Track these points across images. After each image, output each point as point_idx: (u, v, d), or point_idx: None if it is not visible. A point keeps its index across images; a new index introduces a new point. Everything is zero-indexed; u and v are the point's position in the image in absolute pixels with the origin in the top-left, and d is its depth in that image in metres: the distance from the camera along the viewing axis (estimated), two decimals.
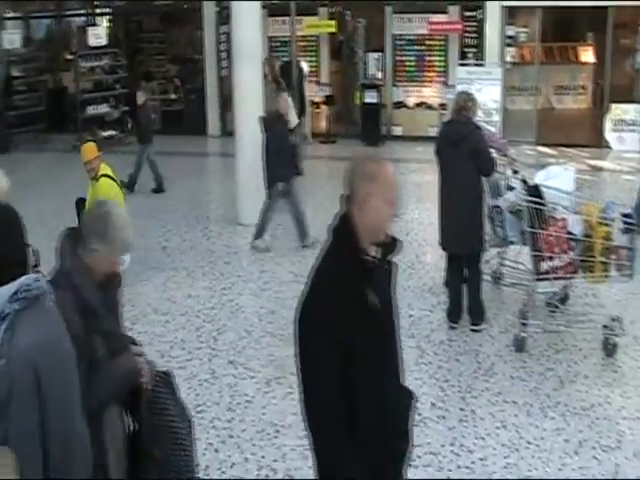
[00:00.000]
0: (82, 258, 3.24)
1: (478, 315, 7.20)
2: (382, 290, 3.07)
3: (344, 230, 2.99)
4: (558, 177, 8.15)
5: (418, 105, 16.55)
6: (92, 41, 16.67)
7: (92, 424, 2.97)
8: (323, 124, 16.72)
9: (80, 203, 8.09)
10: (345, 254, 2.98)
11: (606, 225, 7.47)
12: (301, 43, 16.47)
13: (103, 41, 16.89)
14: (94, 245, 3.22)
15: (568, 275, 6.89)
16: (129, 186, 12.23)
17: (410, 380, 5.41)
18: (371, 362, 2.96)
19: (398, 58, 16.66)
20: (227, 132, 16.27)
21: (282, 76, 14.05)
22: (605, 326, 6.74)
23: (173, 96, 18.48)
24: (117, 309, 3.46)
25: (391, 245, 3.07)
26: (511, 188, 8.00)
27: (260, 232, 9.76)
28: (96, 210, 3.38)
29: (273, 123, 9.70)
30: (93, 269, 3.24)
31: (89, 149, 8.05)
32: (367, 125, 15.80)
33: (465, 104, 7.28)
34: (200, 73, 17.74)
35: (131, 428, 3.41)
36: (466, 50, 16.07)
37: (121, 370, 3.30)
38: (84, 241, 3.24)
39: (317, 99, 16.89)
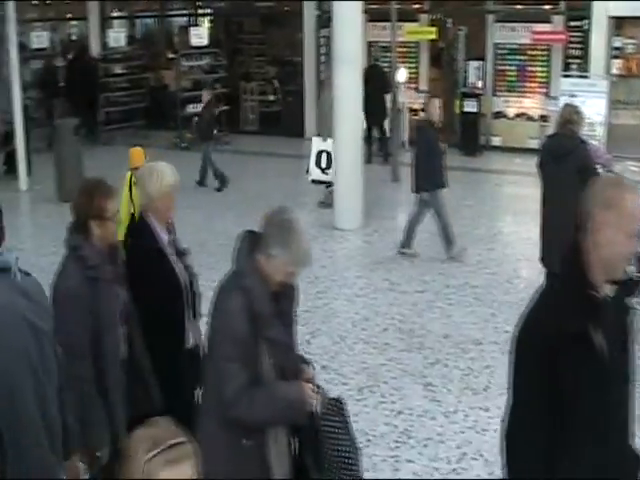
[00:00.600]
0: (258, 262, 3.15)
1: None
2: (614, 334, 2.78)
3: (572, 261, 2.77)
4: None
5: (518, 116, 16.32)
6: (194, 41, 17.06)
7: (254, 437, 2.96)
8: None
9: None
10: (571, 287, 2.76)
11: None
12: (401, 49, 16.48)
13: (204, 41, 17.24)
14: (273, 250, 3.10)
15: None
16: (201, 182, 13.11)
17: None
18: (589, 413, 2.71)
19: (499, 67, 16.48)
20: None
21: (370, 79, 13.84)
22: None
23: (271, 97, 18.76)
24: (291, 324, 3.35)
25: (629, 285, 2.80)
26: None
27: (408, 240, 9.56)
28: (278, 215, 3.24)
29: (424, 130, 9.61)
30: (268, 275, 3.14)
31: (137, 154, 7.46)
32: (466, 134, 15.69)
33: (571, 117, 7.19)
34: (299, 75, 17.97)
35: (296, 451, 3.29)
36: (570, 61, 15.78)
37: (287, 398, 3.15)
38: (263, 245, 3.14)
39: (415, 106, 16.85)
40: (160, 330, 4.02)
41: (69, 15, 21.43)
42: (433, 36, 16.55)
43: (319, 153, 11.83)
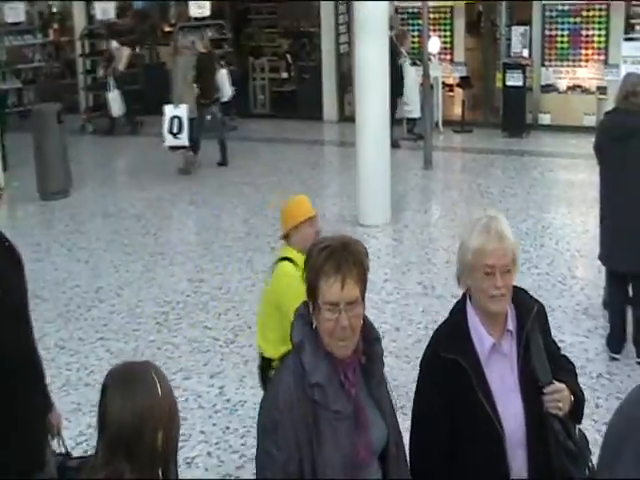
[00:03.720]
0: None
1: None
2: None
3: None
4: None
5: (571, 88, 16.18)
6: (193, 11, 17.08)
7: None
8: (457, 110, 16.58)
9: None
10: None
11: None
12: (432, 15, 16.39)
13: (206, 11, 17.25)
14: None
15: None
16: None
17: None
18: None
19: (548, 32, 16.32)
20: (346, 117, 16.39)
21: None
22: None
23: (285, 75, 18.77)
24: None
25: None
26: None
27: None
28: None
29: None
30: None
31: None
32: (509, 112, 15.55)
33: (634, 89, 7.02)
34: (316, 49, 17.93)
35: None
36: (633, 22, 15.61)
37: None
38: None
39: (450, 80, 16.77)
40: None
41: None
42: None
43: (171, 119, 13.48)
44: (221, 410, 6.53)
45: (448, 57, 16.93)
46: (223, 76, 14.76)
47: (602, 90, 15.36)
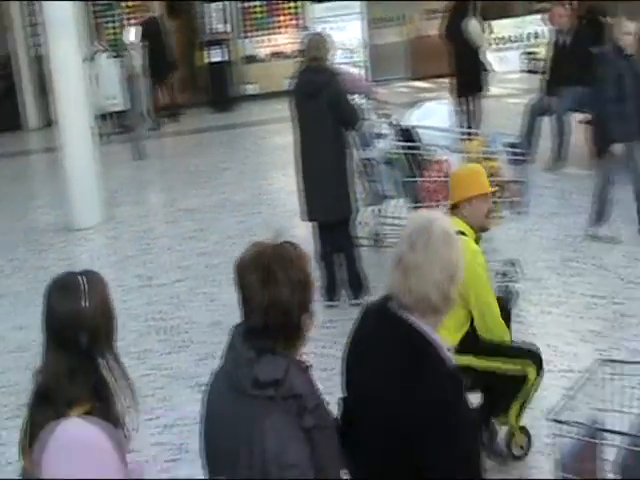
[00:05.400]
0: None
1: (358, 287, 7.24)
2: None
3: None
4: (433, 114, 8.28)
5: (273, 56, 16.53)
6: None
7: None
8: (166, 95, 16.44)
9: None
10: None
11: (491, 160, 7.64)
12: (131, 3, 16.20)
13: None
14: None
15: None
16: None
17: None
18: None
19: (244, 5, 16.57)
20: (50, 122, 15.85)
21: None
22: (503, 274, 6.86)
23: None
24: None
25: None
26: (381, 135, 8.07)
27: (600, 216, 8.26)
28: None
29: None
30: None
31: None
32: (216, 88, 15.73)
33: (318, 47, 7.26)
34: (4, 51, 17.06)
35: None
36: None
37: None
38: None
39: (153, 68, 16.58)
40: None
41: None
42: None
43: None
44: None
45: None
46: None
47: (302, 53, 15.74)
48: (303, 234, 8.94)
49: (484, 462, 3.05)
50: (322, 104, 6.93)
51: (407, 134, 7.85)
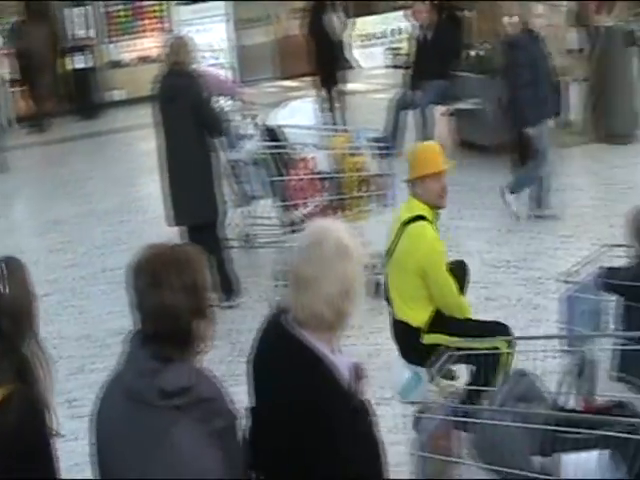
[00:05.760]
0: None
1: (229, 290, 7.23)
2: None
3: None
4: (298, 113, 8.32)
5: (139, 60, 16.30)
6: None
7: None
8: (29, 105, 15.98)
9: None
10: None
11: (357, 155, 7.73)
12: None
13: None
14: None
15: None
16: None
17: None
18: None
19: (107, 9, 16.28)
20: None
21: None
22: (372, 266, 6.95)
23: None
24: None
25: None
26: (248, 136, 8.06)
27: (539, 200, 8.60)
28: None
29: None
30: None
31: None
32: (80, 95, 15.44)
33: (179, 50, 7.22)
34: None
35: None
36: None
37: None
38: None
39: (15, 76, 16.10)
40: None
41: None
42: None
43: None
44: None
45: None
46: None
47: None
48: (175, 240, 8.88)
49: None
50: (184, 108, 6.95)
51: (273, 134, 7.86)
